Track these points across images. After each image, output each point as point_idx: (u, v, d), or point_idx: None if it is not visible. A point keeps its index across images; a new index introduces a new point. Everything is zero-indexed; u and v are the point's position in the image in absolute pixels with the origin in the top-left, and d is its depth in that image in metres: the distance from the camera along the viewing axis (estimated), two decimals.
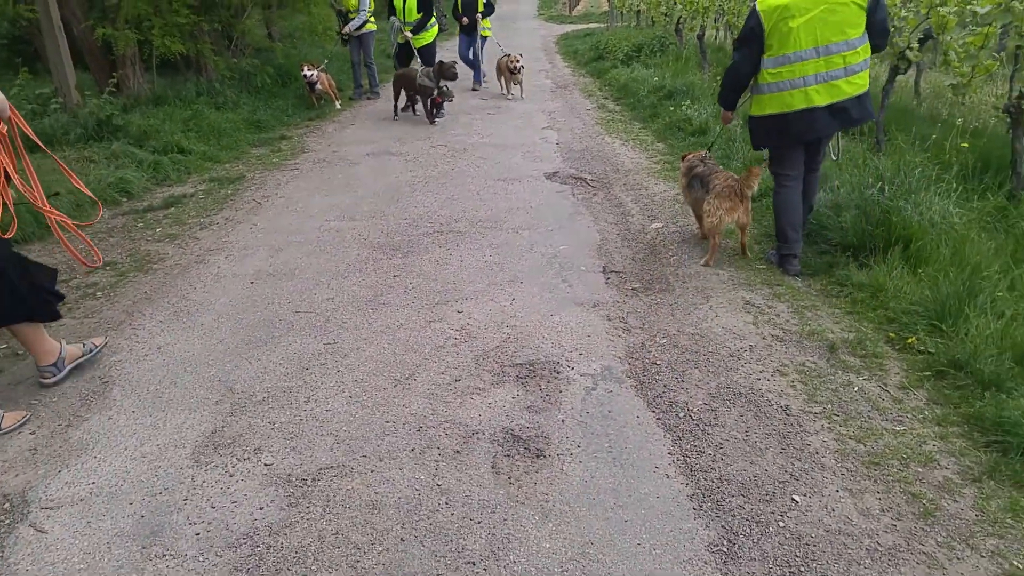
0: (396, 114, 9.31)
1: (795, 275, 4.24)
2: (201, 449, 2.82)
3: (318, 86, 9.77)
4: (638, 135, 8.04)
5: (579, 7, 36.81)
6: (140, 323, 3.83)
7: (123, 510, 2.52)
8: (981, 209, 4.55)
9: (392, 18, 9.60)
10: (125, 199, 6.01)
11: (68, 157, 6.52)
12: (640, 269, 4.47)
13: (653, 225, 5.19)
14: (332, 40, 11.68)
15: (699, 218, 4.72)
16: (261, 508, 2.51)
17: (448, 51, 12.98)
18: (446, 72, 8.45)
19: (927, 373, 3.16)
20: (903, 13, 6.06)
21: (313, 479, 2.63)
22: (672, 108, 8.35)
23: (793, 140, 4.12)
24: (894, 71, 5.81)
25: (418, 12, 9.36)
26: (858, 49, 3.87)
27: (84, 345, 3.41)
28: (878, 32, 3.93)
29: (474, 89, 11.54)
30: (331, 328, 3.71)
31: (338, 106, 10.15)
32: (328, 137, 8.40)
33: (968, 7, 5.46)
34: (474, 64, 11.50)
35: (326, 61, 10.43)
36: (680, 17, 12.92)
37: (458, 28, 11.43)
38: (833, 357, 3.35)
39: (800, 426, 2.83)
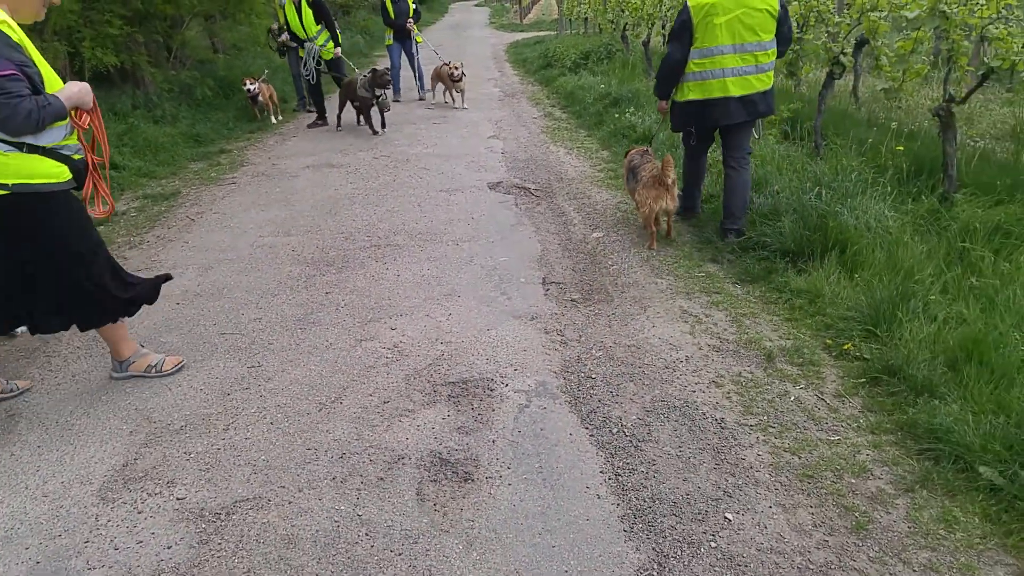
0: (339, 125, 9.14)
1: (733, 233, 4.70)
2: (109, 485, 2.65)
3: (260, 98, 9.55)
4: (583, 143, 8.02)
5: (530, 15, 37.01)
6: (55, 350, 3.62)
7: (17, 556, 2.33)
8: (915, 212, 4.60)
9: (308, 43, 8.94)
10: None
11: None
12: (580, 279, 4.40)
13: (594, 234, 5.14)
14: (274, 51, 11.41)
15: (637, 204, 5.00)
16: (169, 547, 2.35)
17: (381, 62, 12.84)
18: (379, 80, 8.26)
19: (862, 380, 3.14)
20: (836, 19, 6.15)
21: (227, 513, 2.48)
22: (617, 115, 8.35)
23: (710, 124, 4.64)
24: (830, 76, 5.88)
25: (317, 24, 8.87)
26: (768, 51, 4.39)
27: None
28: (783, 40, 4.46)
29: (421, 99, 11.36)
30: (256, 350, 3.55)
31: (274, 120, 9.89)
32: (269, 150, 8.19)
33: (899, 12, 5.56)
34: (417, 72, 11.31)
35: (267, 72, 10.19)
36: (626, 24, 13.01)
37: (389, 38, 11.18)
38: (770, 366, 3.31)
39: (735, 440, 2.78)
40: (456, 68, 10.13)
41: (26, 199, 2.74)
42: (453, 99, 10.75)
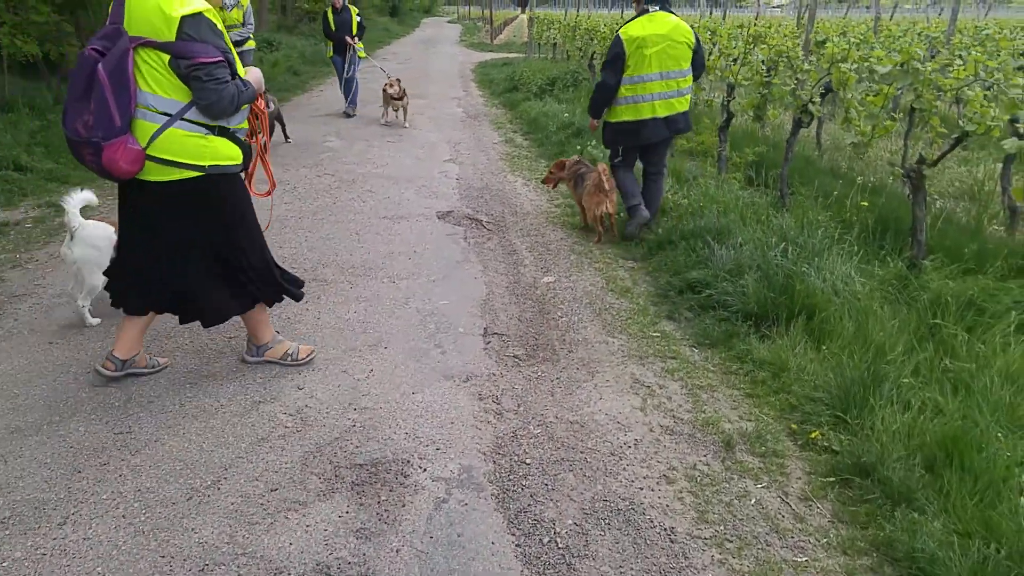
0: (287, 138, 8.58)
1: (641, 225, 5.25)
2: None
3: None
4: (542, 174, 7.60)
5: (501, 36, 36.89)
6: None
7: None
8: (883, 277, 4.27)
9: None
10: None
11: None
12: (525, 331, 3.95)
13: (545, 278, 4.70)
14: None
15: (582, 208, 5.61)
16: None
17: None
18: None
19: (831, 480, 2.74)
20: (806, 66, 5.89)
21: None
22: (579, 147, 7.98)
23: (640, 141, 5.14)
24: (797, 124, 5.59)
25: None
26: (687, 77, 5.01)
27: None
28: (697, 67, 5.08)
29: (347, 115, 10.72)
30: (131, 410, 2.99)
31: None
32: None
33: (866, 64, 5.31)
34: (349, 87, 10.73)
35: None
36: (593, 53, 12.75)
37: (330, 50, 10.64)
38: (729, 456, 2.89)
39: (686, 558, 2.33)
40: (393, 85, 9.62)
41: (216, 180, 2.88)
42: (395, 117, 10.22)
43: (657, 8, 4.94)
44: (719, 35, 8.41)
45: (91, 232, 3.50)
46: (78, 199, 3.43)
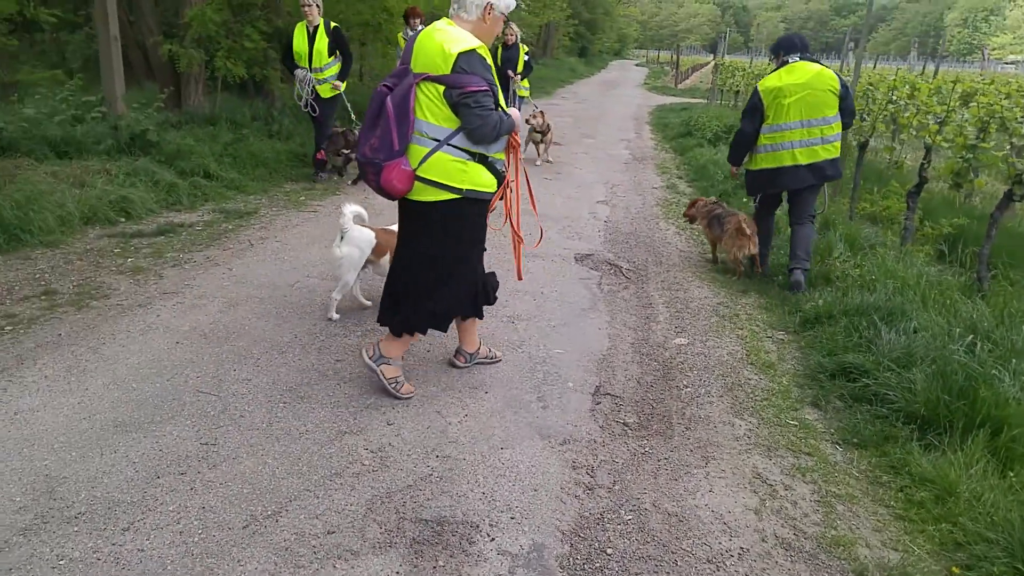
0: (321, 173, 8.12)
1: (796, 286, 5.05)
2: None
3: None
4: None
5: (688, 81, 36.35)
6: (20, 376, 3.25)
7: None
8: None
9: (301, 71, 7.30)
10: (123, 220, 5.63)
11: (89, 168, 6.26)
12: (642, 397, 3.59)
13: (677, 340, 4.30)
14: None
15: (713, 245, 5.88)
16: None
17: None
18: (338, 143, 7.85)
19: None
20: (1023, 131, 5.02)
21: None
22: (745, 200, 7.42)
23: (780, 188, 5.25)
24: (1008, 197, 4.75)
25: (330, 55, 7.33)
26: (832, 125, 4.95)
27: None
28: (847, 114, 5.01)
29: None
30: (222, 422, 3.01)
31: None
32: None
33: None
34: None
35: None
36: None
37: None
38: None
39: None
40: (536, 116, 9.29)
41: (468, 203, 3.12)
42: (538, 152, 9.92)
43: (797, 58, 5.05)
44: (919, 90, 7.51)
45: (357, 235, 4.01)
46: (352, 208, 3.96)
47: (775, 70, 5.11)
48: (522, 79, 10.13)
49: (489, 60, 3.03)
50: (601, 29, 49.44)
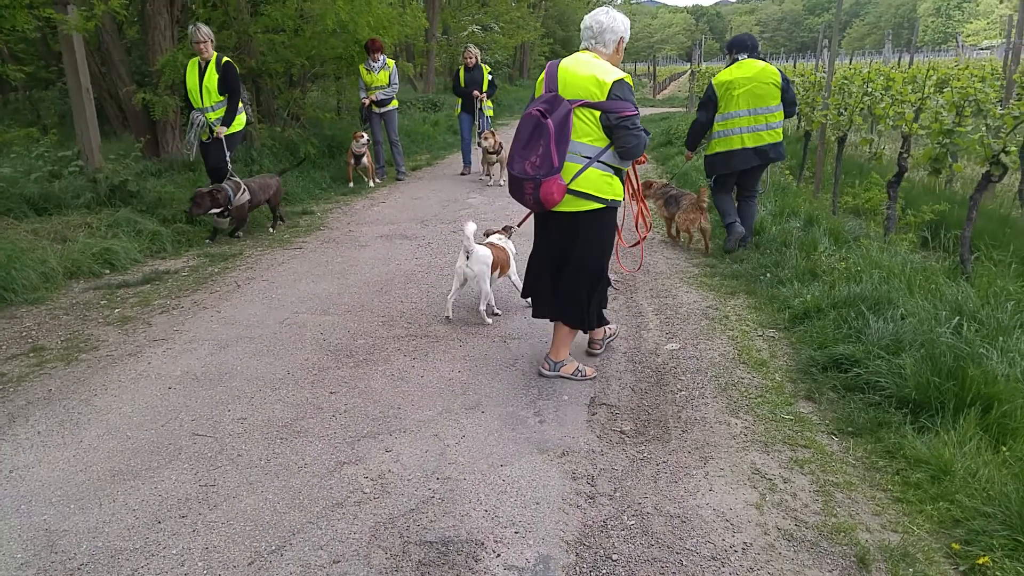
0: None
1: (738, 240, 6.05)
2: None
3: (364, 160, 9.45)
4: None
5: (666, 91, 36.75)
6: (13, 434, 3.24)
7: None
8: None
9: (196, 112, 6.73)
10: (108, 271, 5.65)
11: (70, 222, 6.29)
12: (638, 404, 3.60)
13: (668, 345, 4.32)
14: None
15: (668, 222, 6.70)
16: None
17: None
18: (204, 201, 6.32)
19: None
20: (999, 111, 5.10)
21: None
22: (703, 182, 7.49)
23: (732, 169, 5.95)
24: (987, 178, 4.81)
25: (221, 94, 6.69)
26: (775, 112, 5.73)
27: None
28: (788, 103, 5.76)
29: (463, 173, 10.67)
30: (220, 462, 3.01)
31: (372, 183, 9.72)
32: (352, 215, 7.98)
33: None
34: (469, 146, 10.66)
35: (366, 126, 9.87)
36: None
37: (458, 107, 10.65)
38: None
39: None
40: (487, 137, 9.27)
41: (607, 212, 3.56)
42: (488, 173, 9.80)
43: (746, 56, 5.87)
44: (893, 80, 7.62)
45: (482, 253, 4.50)
46: (471, 228, 4.38)
47: (727, 67, 5.95)
48: (487, 98, 10.24)
49: (632, 87, 3.46)
50: (576, 46, 49.88)
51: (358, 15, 8.94)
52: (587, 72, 3.37)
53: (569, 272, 3.67)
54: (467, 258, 4.43)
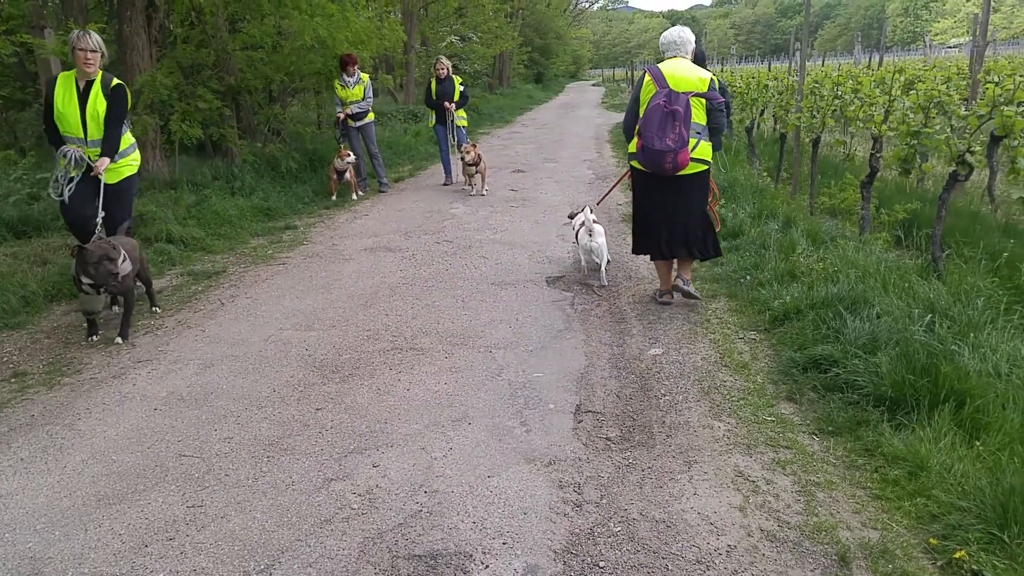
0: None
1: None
2: None
3: (347, 175, 9.38)
4: None
5: None
6: None
7: None
8: None
9: (68, 148, 4.81)
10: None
11: (50, 244, 6.26)
12: (623, 410, 3.65)
13: (651, 351, 4.38)
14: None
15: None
16: None
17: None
18: (87, 265, 4.33)
19: None
20: (963, 111, 5.22)
21: None
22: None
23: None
24: (953, 177, 4.92)
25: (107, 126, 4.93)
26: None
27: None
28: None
29: (445, 184, 10.64)
30: (208, 483, 3.02)
31: (356, 196, 9.69)
32: (335, 228, 7.98)
33: None
34: (448, 157, 10.62)
35: (343, 144, 9.69)
36: (730, 108, 12.32)
37: (432, 119, 10.63)
38: (843, 574, 2.42)
39: None
40: (468, 152, 9.33)
41: (709, 171, 4.91)
42: (471, 184, 9.89)
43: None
44: (861, 83, 7.77)
45: (600, 228, 5.59)
46: (590, 213, 5.68)
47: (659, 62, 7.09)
48: (458, 109, 10.25)
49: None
50: (555, 53, 50.21)
51: (336, 30, 8.98)
52: (691, 72, 4.66)
53: (691, 220, 4.91)
54: (589, 235, 5.52)
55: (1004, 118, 4.51)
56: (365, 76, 9.54)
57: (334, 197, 9.49)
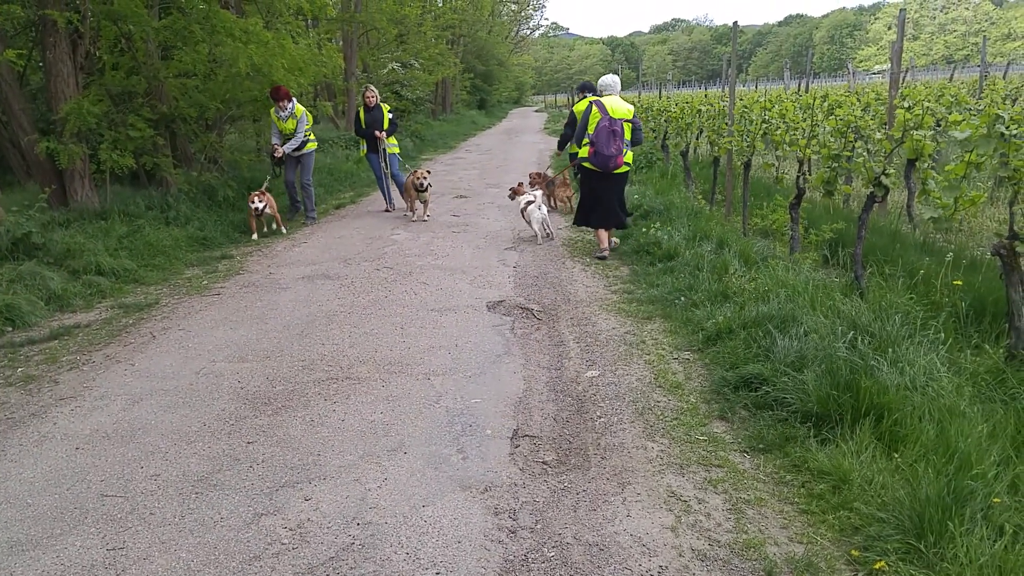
0: None
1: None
2: None
3: (267, 210, 8.81)
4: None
5: None
6: None
7: None
8: (974, 371, 3.74)
9: None
10: (10, 328, 5.38)
11: None
12: (559, 433, 3.67)
13: (588, 373, 4.42)
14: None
15: (549, 196, 9.86)
16: None
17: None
18: None
19: None
20: (877, 136, 5.50)
21: None
22: (644, 229, 7.74)
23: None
24: (871, 199, 5.16)
25: None
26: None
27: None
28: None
29: (386, 210, 10.64)
30: (131, 523, 2.91)
31: (283, 231, 9.22)
32: (272, 256, 7.85)
33: (948, 131, 4.88)
34: (396, 182, 10.58)
35: (269, 178, 9.52)
36: (666, 133, 12.66)
37: (363, 148, 10.55)
38: None
39: None
40: (423, 177, 9.39)
41: (628, 172, 7.61)
42: (413, 208, 9.87)
43: (588, 95, 8.81)
44: (787, 108, 8.11)
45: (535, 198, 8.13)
46: (537, 195, 8.25)
47: (577, 101, 9.20)
48: (388, 136, 10.20)
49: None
50: (497, 79, 50.81)
51: (272, 58, 8.90)
52: (622, 106, 7.06)
53: (615, 202, 7.32)
54: (540, 209, 7.96)
55: (914, 142, 4.77)
56: (300, 109, 9.25)
57: (255, 236, 8.80)
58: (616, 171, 7.05)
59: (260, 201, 8.66)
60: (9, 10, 7.54)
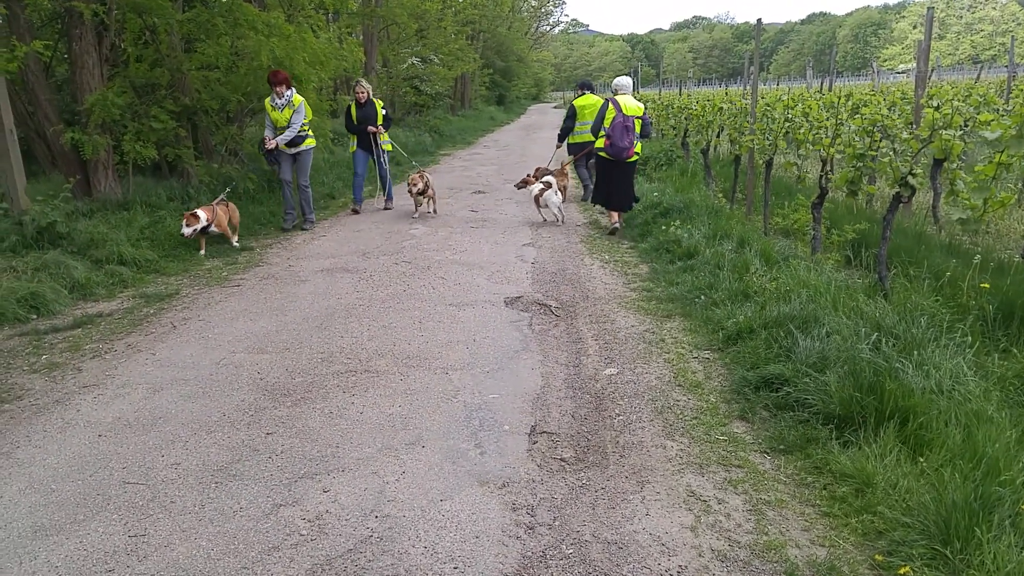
0: None
1: (590, 194, 9.65)
2: None
3: (212, 228, 7.50)
4: (623, 256, 7.38)
5: None
6: None
7: None
8: (1002, 375, 3.68)
9: None
10: (35, 316, 5.45)
11: None
12: (577, 430, 3.66)
13: (607, 370, 4.40)
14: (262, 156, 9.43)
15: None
16: None
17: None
18: None
19: None
20: (904, 135, 5.41)
21: None
22: (664, 227, 7.70)
23: (583, 152, 10.19)
24: (896, 199, 5.08)
25: None
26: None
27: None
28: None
29: (385, 208, 10.51)
30: (152, 511, 2.93)
31: (235, 244, 7.92)
32: (292, 249, 7.89)
33: (979, 130, 4.80)
34: (382, 180, 10.49)
35: (228, 190, 8.38)
36: (687, 130, 12.57)
37: (353, 144, 10.14)
38: None
39: None
40: (414, 184, 9.32)
41: (637, 161, 8.76)
42: (417, 208, 9.84)
43: (587, 91, 10.70)
44: (811, 107, 8.01)
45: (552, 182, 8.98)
46: (552, 181, 9.03)
47: (577, 96, 10.74)
48: (383, 132, 10.04)
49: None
50: (516, 75, 50.76)
51: (293, 51, 8.93)
52: (634, 103, 8.12)
53: (624, 187, 8.37)
54: (555, 194, 8.79)
55: (943, 142, 4.69)
56: (298, 99, 8.55)
57: (202, 252, 7.52)
58: (628, 160, 8.14)
59: (194, 224, 7.21)
60: (36, 1, 7.60)
